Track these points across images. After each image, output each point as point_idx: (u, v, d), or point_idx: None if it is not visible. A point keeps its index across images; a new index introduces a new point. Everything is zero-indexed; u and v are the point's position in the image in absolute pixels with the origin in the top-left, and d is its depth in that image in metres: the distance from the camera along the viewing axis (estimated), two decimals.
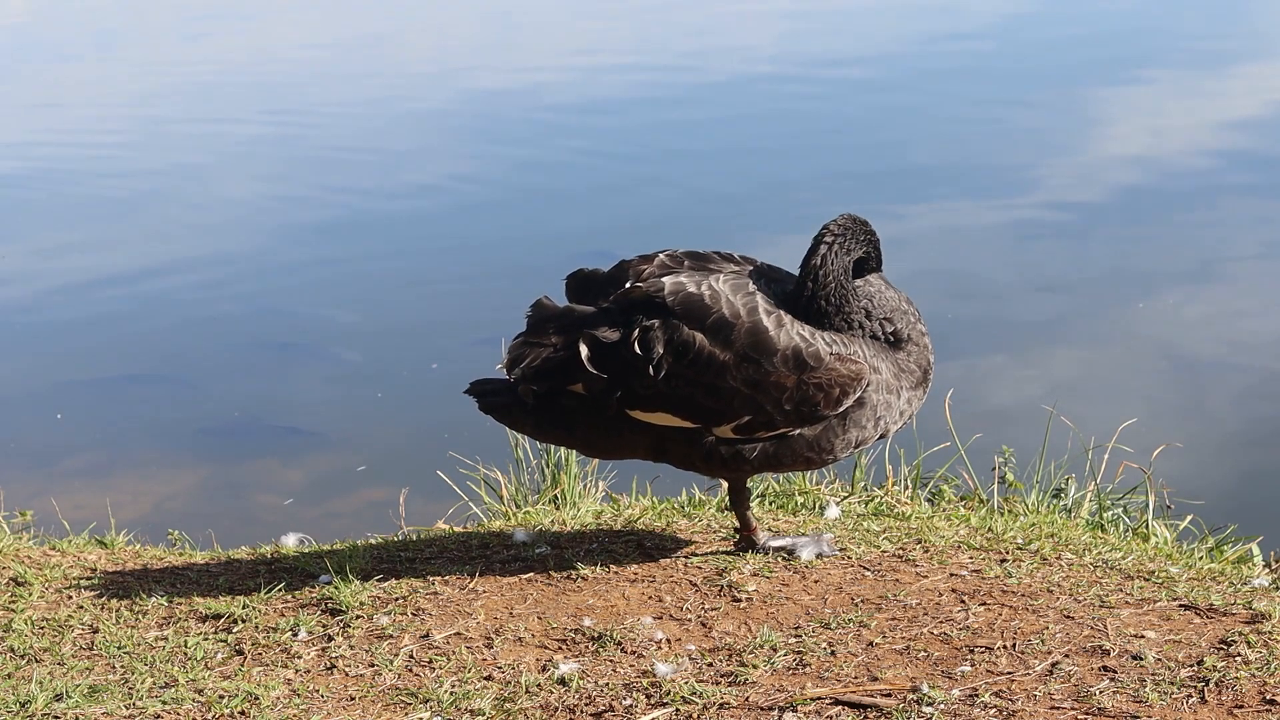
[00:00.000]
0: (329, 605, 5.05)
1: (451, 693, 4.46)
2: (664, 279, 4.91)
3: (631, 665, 4.57)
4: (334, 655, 4.74)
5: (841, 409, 4.87)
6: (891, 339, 4.99)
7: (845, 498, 6.06)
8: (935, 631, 4.62)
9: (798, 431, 4.90)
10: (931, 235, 13.14)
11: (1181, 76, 18.47)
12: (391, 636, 4.84)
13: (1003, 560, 5.15)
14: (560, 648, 4.72)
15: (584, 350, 4.88)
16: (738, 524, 5.29)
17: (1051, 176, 14.70)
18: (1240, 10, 23.07)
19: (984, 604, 4.78)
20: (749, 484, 5.33)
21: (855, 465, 6.29)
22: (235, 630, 4.95)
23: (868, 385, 4.88)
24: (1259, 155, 15.06)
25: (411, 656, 4.71)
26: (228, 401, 10.90)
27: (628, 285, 4.97)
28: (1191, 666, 4.28)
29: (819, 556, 5.21)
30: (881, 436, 5.06)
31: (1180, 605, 4.71)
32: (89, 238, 14.62)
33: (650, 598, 4.98)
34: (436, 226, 14.32)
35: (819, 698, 4.26)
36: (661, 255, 5.05)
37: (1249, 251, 12.47)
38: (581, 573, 5.18)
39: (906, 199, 14.09)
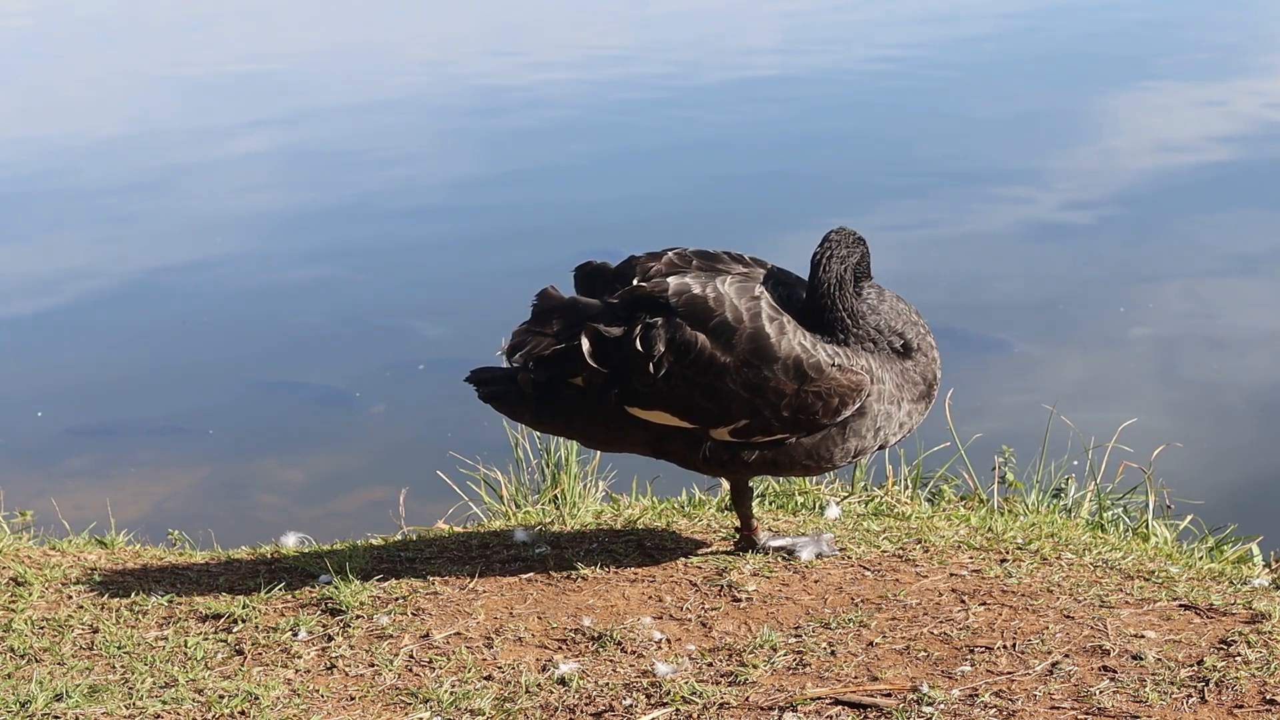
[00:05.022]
0: (329, 605, 5.05)
1: (451, 693, 4.46)
2: (669, 278, 4.89)
3: (631, 665, 4.57)
4: (334, 655, 4.74)
5: (841, 419, 4.86)
6: (901, 350, 4.96)
7: (845, 498, 6.06)
8: (935, 631, 4.62)
9: (795, 439, 4.89)
10: (932, 234, 13.14)
11: (1187, 78, 18.47)
12: (391, 636, 4.83)
13: (1003, 560, 5.15)
14: (560, 648, 4.71)
15: (586, 344, 4.87)
16: (739, 523, 5.29)
17: (1057, 177, 14.71)
18: (1246, 12, 23.07)
19: (984, 604, 4.78)
20: (750, 484, 5.33)
21: (855, 466, 6.28)
22: (235, 630, 4.95)
23: (869, 395, 4.86)
24: (1263, 157, 15.07)
25: (411, 656, 4.71)
26: (227, 400, 10.90)
27: (634, 282, 4.95)
28: (1191, 666, 4.28)
29: (819, 556, 5.21)
30: (881, 447, 5.02)
31: (1180, 605, 4.70)
32: (84, 237, 14.62)
33: (650, 598, 4.98)
34: (440, 226, 14.32)
35: (819, 698, 4.26)
36: (670, 254, 5.02)
37: (1251, 253, 12.47)
38: (581, 573, 5.18)
39: (908, 198, 14.10)
